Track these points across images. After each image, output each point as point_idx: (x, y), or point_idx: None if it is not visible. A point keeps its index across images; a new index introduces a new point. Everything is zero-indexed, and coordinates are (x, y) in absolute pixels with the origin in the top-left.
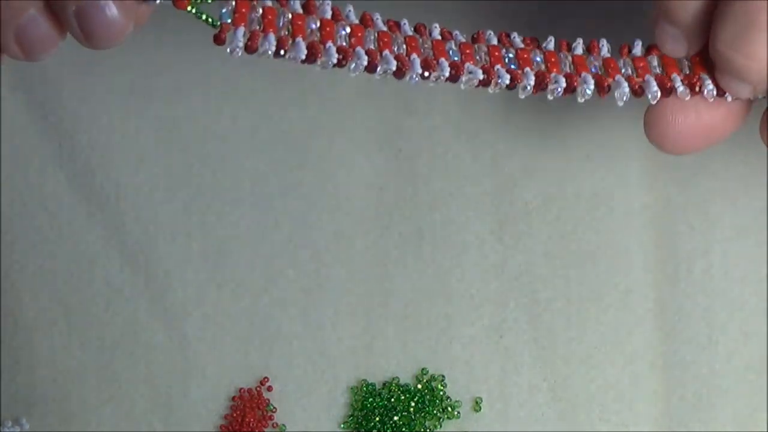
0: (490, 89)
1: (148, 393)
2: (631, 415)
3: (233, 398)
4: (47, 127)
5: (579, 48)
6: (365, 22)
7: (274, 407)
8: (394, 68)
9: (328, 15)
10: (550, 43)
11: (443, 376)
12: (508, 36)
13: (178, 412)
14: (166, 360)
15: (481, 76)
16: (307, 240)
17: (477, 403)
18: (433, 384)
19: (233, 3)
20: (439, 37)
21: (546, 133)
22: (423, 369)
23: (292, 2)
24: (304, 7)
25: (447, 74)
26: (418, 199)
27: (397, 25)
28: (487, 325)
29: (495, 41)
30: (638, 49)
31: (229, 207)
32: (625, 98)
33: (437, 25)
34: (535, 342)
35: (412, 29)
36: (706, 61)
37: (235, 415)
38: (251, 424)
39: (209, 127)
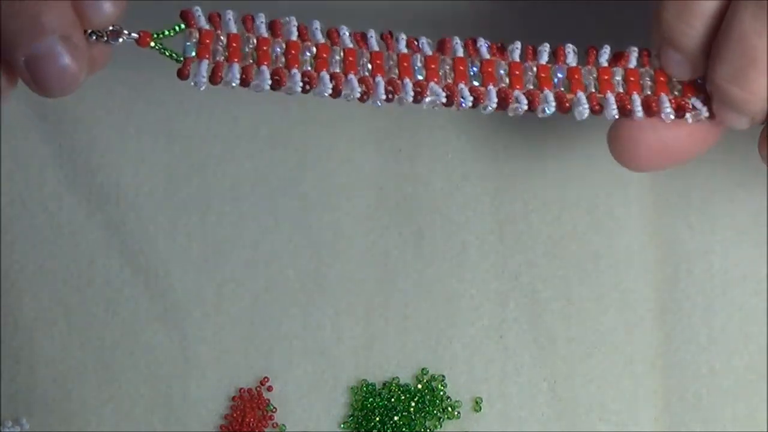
0: (454, 108)
1: (148, 393)
2: (631, 415)
3: (233, 398)
4: (47, 127)
5: (545, 55)
6: (332, 37)
7: (274, 407)
8: (358, 95)
9: (294, 36)
10: (516, 51)
11: (443, 376)
12: (475, 43)
13: (178, 412)
14: (166, 360)
15: (444, 99)
16: (307, 240)
17: (477, 403)
18: (433, 384)
19: (197, 34)
20: (405, 50)
21: (546, 133)
22: (423, 369)
23: (257, 24)
24: (270, 26)
25: (411, 97)
26: (418, 199)
27: (364, 37)
28: (487, 325)
29: (461, 51)
30: (605, 58)
31: (229, 207)
32: (584, 116)
33: (403, 35)
34: (535, 342)
35: (379, 37)
36: (669, 80)
37: (235, 415)
38: (251, 424)
39: (209, 127)
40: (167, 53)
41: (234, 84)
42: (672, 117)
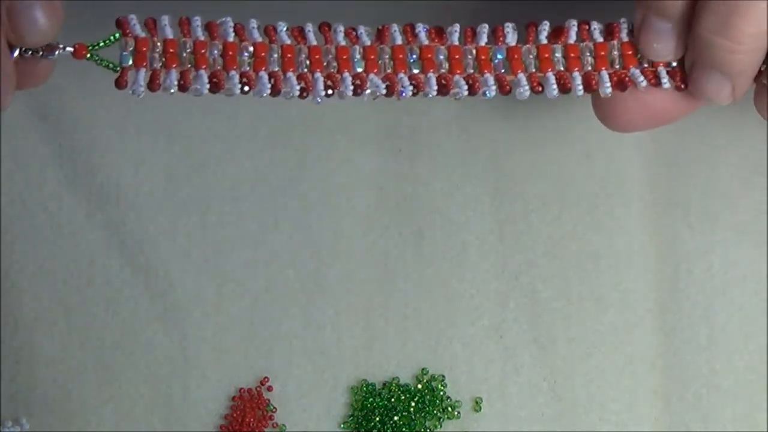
0: (394, 98)
1: (148, 393)
2: (631, 415)
3: (233, 398)
4: (47, 127)
5: (484, 36)
6: (269, 35)
7: (274, 407)
8: (297, 93)
9: (231, 37)
10: (455, 34)
11: (443, 376)
12: (413, 29)
13: (178, 412)
14: (166, 360)
15: (384, 91)
16: (307, 240)
17: (477, 403)
18: (433, 384)
19: (133, 43)
20: (344, 42)
21: (546, 133)
22: (423, 369)
23: (194, 27)
24: (206, 28)
25: (350, 91)
26: (418, 199)
27: (301, 32)
28: (487, 325)
29: (400, 39)
30: (544, 35)
31: (229, 207)
32: (525, 96)
33: (341, 26)
34: (535, 342)
35: (318, 29)
36: (609, 54)
37: (235, 415)
38: (251, 424)
39: (209, 127)
40: (104, 64)
41: (172, 90)
42: (608, 93)
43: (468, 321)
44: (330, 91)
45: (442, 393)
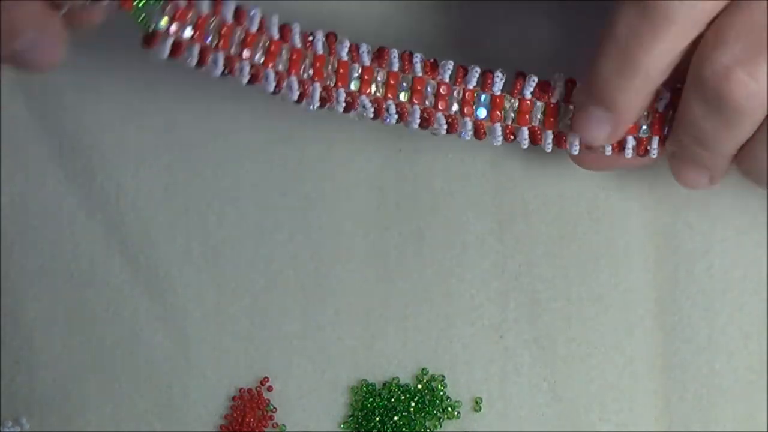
0: (379, 121)
1: (148, 393)
2: (631, 415)
3: (233, 398)
4: (47, 127)
5: (473, 80)
6: (284, 34)
7: (274, 407)
8: (295, 98)
9: (255, 27)
10: (448, 71)
11: (443, 376)
12: (411, 58)
13: (178, 412)
14: (166, 360)
15: (372, 114)
16: (307, 240)
17: (477, 403)
18: (433, 384)
19: (173, 9)
20: (346, 58)
21: None
22: (423, 369)
23: (224, 9)
24: (235, 13)
25: (342, 108)
26: (418, 199)
27: (311, 38)
28: (487, 325)
29: (397, 65)
30: (529, 91)
31: (229, 207)
32: (498, 144)
33: (347, 42)
34: (535, 342)
35: (324, 38)
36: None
37: (235, 415)
38: (251, 424)
39: (209, 127)
40: (143, 21)
41: (192, 64)
42: (576, 151)
43: (468, 321)
44: (323, 103)
45: (442, 393)
